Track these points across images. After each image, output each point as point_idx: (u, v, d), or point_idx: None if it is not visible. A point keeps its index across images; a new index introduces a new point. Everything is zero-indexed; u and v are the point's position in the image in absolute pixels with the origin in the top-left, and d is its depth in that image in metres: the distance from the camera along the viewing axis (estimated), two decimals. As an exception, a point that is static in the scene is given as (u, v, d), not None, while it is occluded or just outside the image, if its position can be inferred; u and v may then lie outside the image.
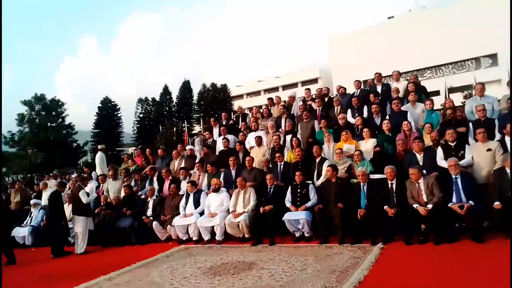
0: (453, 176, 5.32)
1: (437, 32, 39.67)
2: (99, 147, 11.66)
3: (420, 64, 41.13)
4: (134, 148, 35.84)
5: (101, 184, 9.10)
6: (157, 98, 41.54)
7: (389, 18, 47.05)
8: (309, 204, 6.22)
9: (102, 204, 8.26)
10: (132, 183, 8.65)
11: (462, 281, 3.84)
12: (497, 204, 4.95)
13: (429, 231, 5.29)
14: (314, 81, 50.98)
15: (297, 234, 6.24)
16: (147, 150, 10.37)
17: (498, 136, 5.87)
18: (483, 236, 4.96)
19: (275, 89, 53.07)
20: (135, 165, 9.60)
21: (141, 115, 40.77)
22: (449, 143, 5.82)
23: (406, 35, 41.07)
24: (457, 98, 23.56)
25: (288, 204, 6.40)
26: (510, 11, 6.52)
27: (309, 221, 6.08)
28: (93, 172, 10.36)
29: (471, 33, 38.14)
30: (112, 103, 39.54)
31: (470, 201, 5.08)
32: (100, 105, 39.00)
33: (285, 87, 52.57)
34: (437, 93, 27.27)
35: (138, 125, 40.25)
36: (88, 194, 7.56)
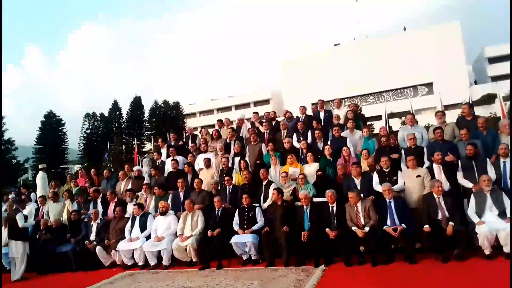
0: (387, 200, 5.75)
1: (379, 60, 42.80)
2: (39, 166, 11.07)
3: (364, 90, 43.98)
4: (80, 166, 34.16)
5: (41, 207, 8.62)
6: (106, 114, 40.18)
7: (335, 45, 49.90)
8: (255, 227, 6.36)
9: (42, 228, 7.83)
10: (75, 206, 8.31)
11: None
12: (426, 227, 5.40)
13: (367, 252, 5.63)
14: (266, 101, 52.34)
15: (244, 257, 6.33)
16: (92, 170, 10.04)
17: (427, 163, 6.41)
18: (415, 257, 5.35)
19: (228, 108, 53.63)
20: (78, 187, 9.23)
21: (88, 131, 39.17)
22: (384, 169, 6.30)
23: (351, 62, 43.86)
24: (396, 124, 25.31)
25: (235, 227, 6.50)
26: (510, 11, 7.22)
27: (256, 244, 6.20)
28: (32, 193, 9.79)
29: (410, 62, 41.57)
30: (57, 117, 37.64)
31: (403, 224, 5.50)
32: (44, 119, 36.92)
33: (238, 106, 53.33)
34: (379, 117, 29.16)
35: (84, 142, 38.59)
36: (26, 218, 7.16)
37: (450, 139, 6.75)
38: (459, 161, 5.98)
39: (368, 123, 28.26)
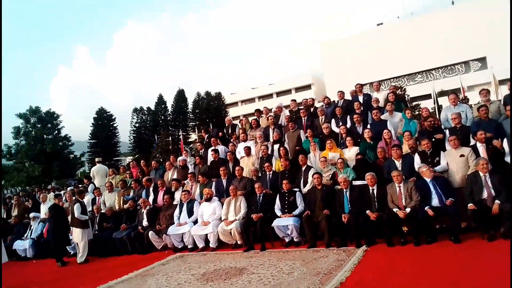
0: (428, 180, 5.68)
1: (426, 37, 40.53)
2: (96, 159, 11.95)
3: (410, 69, 41.92)
4: (131, 158, 36.08)
5: (97, 197, 9.38)
6: (152, 108, 41.88)
7: (378, 25, 47.89)
8: (296, 212, 6.54)
9: (96, 215, 8.62)
10: (131, 194, 8.96)
11: (439, 280, 4.07)
12: (470, 205, 5.29)
13: (409, 233, 5.63)
14: (308, 87, 51.55)
15: (287, 240, 6.56)
16: (142, 161, 10.69)
17: (473, 141, 6.22)
18: (459, 236, 5.28)
19: (269, 95, 53.56)
20: (131, 178, 9.88)
21: (137, 125, 41.05)
22: (426, 151, 6.19)
23: (396, 41, 41.91)
24: (447, 102, 24.04)
25: (277, 211, 6.72)
26: (510, 11, 6.88)
27: (297, 226, 6.40)
28: (90, 184, 10.63)
29: (460, 38, 39.01)
30: (108, 113, 39.78)
31: (451, 198, 5.42)
32: (96, 115, 39.25)
33: (279, 93, 53.04)
34: (428, 96, 27.83)
35: (134, 135, 40.51)
36: (83, 209, 7.87)
37: (496, 117, 6.46)
38: (504, 140, 5.72)
39: (416, 103, 27.16)
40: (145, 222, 8.00)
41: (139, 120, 41.27)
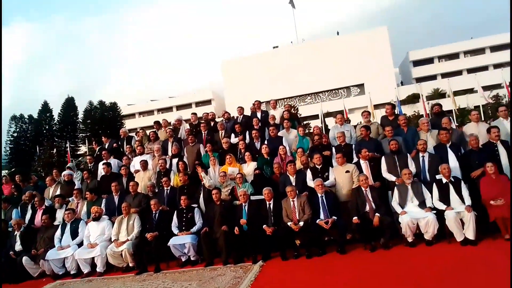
0: (319, 195, 6.06)
1: (315, 62, 44.81)
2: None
3: (302, 91, 45.55)
4: (6, 172, 31.36)
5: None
6: (35, 116, 37.31)
7: (274, 47, 51.03)
8: (194, 229, 6.35)
9: None
10: (2, 214, 7.67)
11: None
12: (355, 219, 5.77)
13: (301, 246, 5.88)
14: (208, 102, 51.99)
15: (183, 259, 6.29)
16: (17, 176, 9.32)
17: (355, 159, 6.86)
18: (345, 248, 5.70)
19: (169, 109, 52.45)
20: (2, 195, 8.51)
21: (15, 134, 36.08)
22: (316, 166, 6.63)
23: (289, 64, 45.30)
24: (332, 122, 26.61)
25: (174, 229, 6.44)
26: (510, 11, 7.65)
27: (195, 244, 6.19)
28: None
29: (343, 64, 44.01)
30: (-25, 120, 34.16)
31: (334, 216, 5.84)
32: (-39, 122, 33.35)
33: (179, 107, 52.33)
34: (316, 117, 30.47)
35: (11, 146, 35.45)
36: None
37: (375, 137, 7.27)
38: (383, 157, 6.46)
39: (305, 122, 29.46)
40: (18, 246, 6.90)
41: (18, 129, 36.34)
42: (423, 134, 6.84)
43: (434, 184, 5.76)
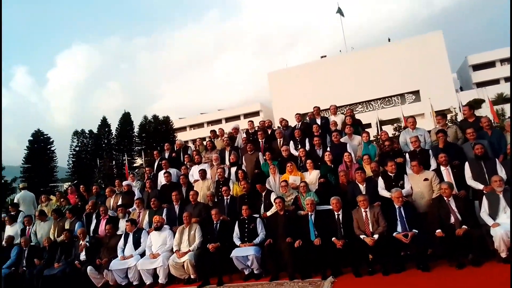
0: (396, 206, 5.49)
1: (365, 70, 43.52)
2: (20, 185, 10.62)
3: (352, 99, 44.41)
4: (69, 183, 33.37)
5: (27, 227, 8.14)
6: (95, 131, 39.56)
7: (322, 57, 50.41)
8: (257, 240, 6.02)
9: (23, 247, 7.39)
10: (67, 224, 7.85)
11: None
12: (439, 231, 5.12)
13: (376, 261, 5.34)
14: (256, 114, 52.36)
15: (246, 272, 5.95)
16: (81, 186, 9.61)
17: (433, 165, 6.19)
18: (428, 264, 5.07)
19: (218, 121, 53.50)
20: (69, 205, 8.77)
21: (77, 148, 38.38)
22: (389, 174, 6.05)
23: (338, 73, 44.45)
24: (387, 130, 25.45)
25: (236, 240, 6.16)
26: (511, 11, 7.09)
27: (258, 257, 5.84)
28: (21, 212, 9.28)
29: (396, 71, 42.28)
30: (45, 136, 36.77)
31: (414, 230, 5.24)
32: (31, 138, 36.08)
33: (228, 119, 53.26)
34: (369, 125, 29.38)
35: (74, 159, 37.72)
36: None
37: (453, 142, 6.56)
38: (466, 163, 5.76)
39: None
40: (83, 256, 6.98)
41: (79, 144, 38.65)
42: (509, 137, 6.06)
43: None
